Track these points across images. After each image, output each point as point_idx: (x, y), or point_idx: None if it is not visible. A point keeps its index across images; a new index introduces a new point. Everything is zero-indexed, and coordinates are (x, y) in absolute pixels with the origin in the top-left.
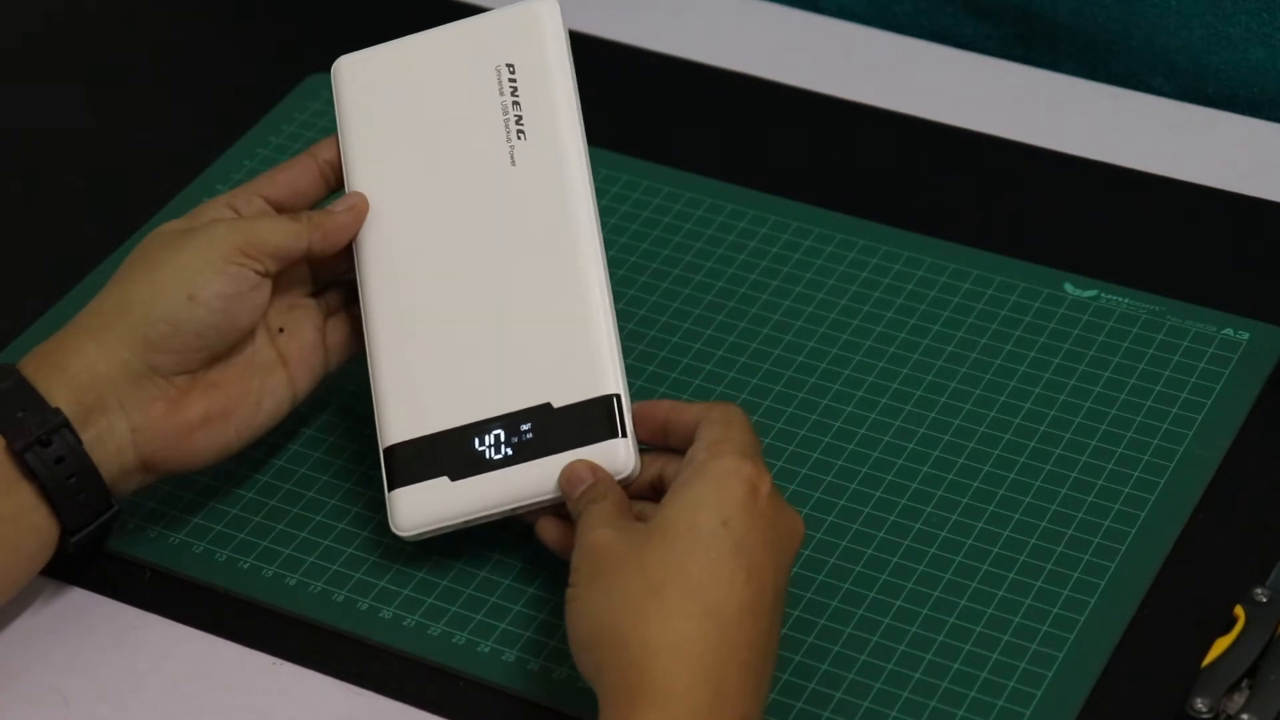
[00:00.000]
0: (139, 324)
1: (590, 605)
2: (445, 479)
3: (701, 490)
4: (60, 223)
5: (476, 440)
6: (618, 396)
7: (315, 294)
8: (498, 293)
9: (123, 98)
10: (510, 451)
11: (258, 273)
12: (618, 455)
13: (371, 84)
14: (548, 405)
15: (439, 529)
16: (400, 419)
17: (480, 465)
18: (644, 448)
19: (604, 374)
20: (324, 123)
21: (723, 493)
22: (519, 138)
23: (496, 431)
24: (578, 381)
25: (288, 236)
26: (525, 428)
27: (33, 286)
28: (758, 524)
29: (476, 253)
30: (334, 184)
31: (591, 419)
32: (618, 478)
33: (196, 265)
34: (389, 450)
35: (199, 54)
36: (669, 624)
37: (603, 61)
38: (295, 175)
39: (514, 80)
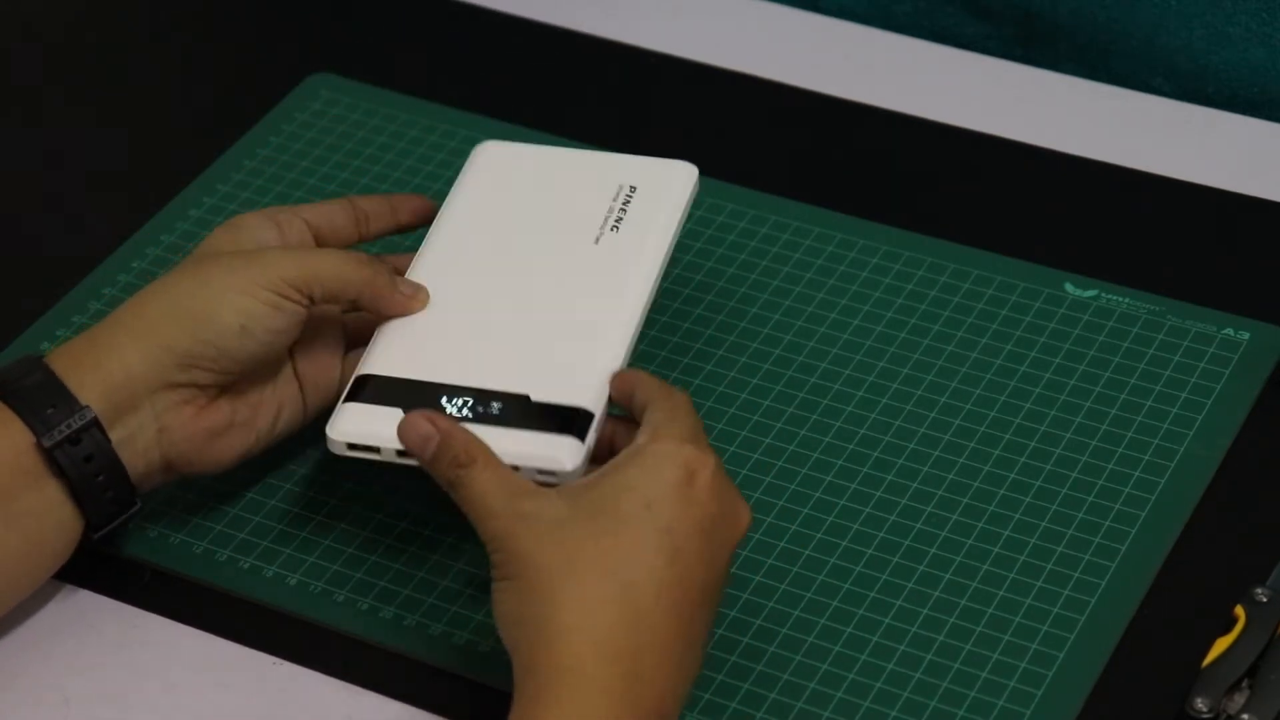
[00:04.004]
0: (186, 340)
1: (513, 592)
2: (399, 410)
3: (632, 474)
4: (60, 222)
5: (444, 398)
6: (592, 415)
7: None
8: (531, 295)
9: (123, 97)
10: (469, 415)
11: (304, 306)
12: (561, 450)
13: (498, 176)
14: (526, 397)
15: (368, 449)
16: (388, 356)
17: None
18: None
19: (591, 391)
20: (324, 123)
21: (652, 477)
22: (613, 230)
23: (466, 399)
24: (564, 388)
25: (355, 285)
26: (496, 405)
27: (33, 286)
28: (689, 510)
29: (527, 265)
30: (367, 234)
31: (560, 419)
32: (554, 473)
33: (253, 295)
34: (364, 377)
35: (199, 54)
36: (581, 605)
37: (603, 61)
38: (334, 211)
39: (630, 196)
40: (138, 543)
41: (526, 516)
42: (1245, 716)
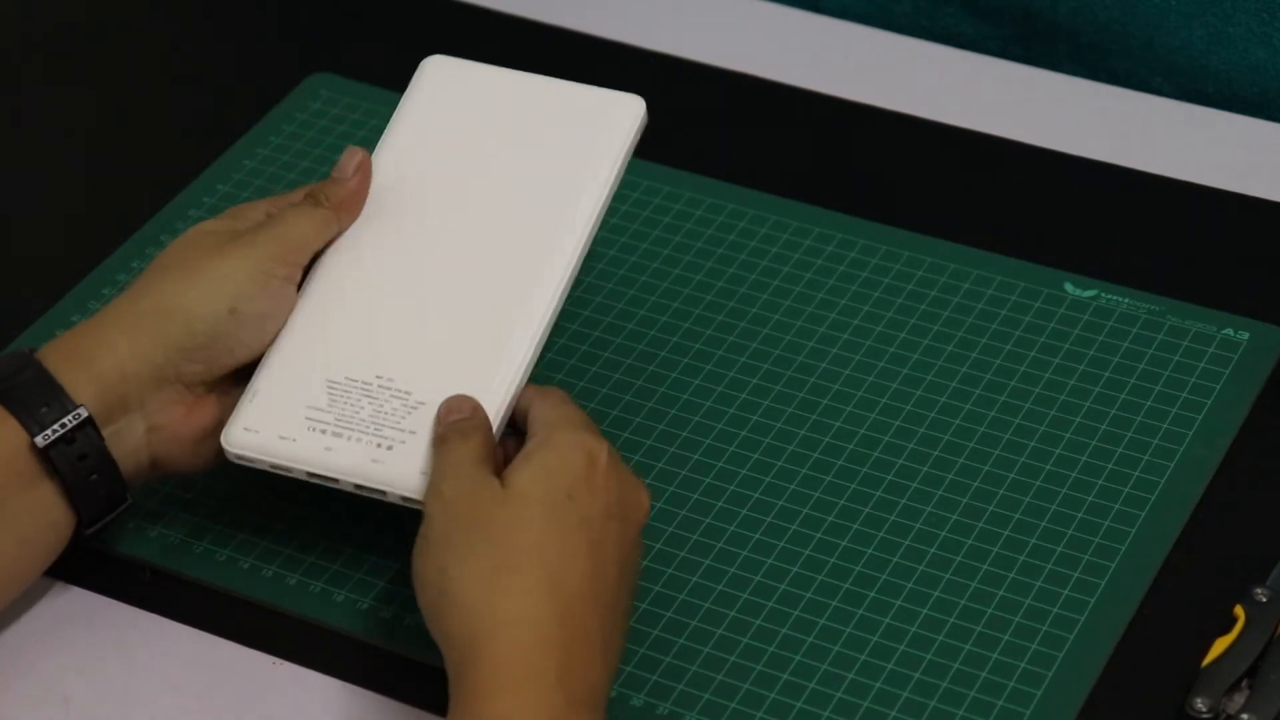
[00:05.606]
0: (178, 332)
1: (439, 563)
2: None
3: (549, 460)
4: (60, 222)
5: None
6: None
7: None
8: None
9: (123, 97)
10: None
11: (293, 281)
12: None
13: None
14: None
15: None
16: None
17: None
18: None
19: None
20: (324, 123)
21: (565, 464)
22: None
23: None
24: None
25: (320, 228)
26: None
27: (33, 286)
28: (598, 496)
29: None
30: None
31: None
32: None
33: (240, 278)
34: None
35: (199, 54)
36: (517, 601)
37: (603, 61)
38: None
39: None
40: (137, 542)
41: (470, 491)
42: (1245, 716)
